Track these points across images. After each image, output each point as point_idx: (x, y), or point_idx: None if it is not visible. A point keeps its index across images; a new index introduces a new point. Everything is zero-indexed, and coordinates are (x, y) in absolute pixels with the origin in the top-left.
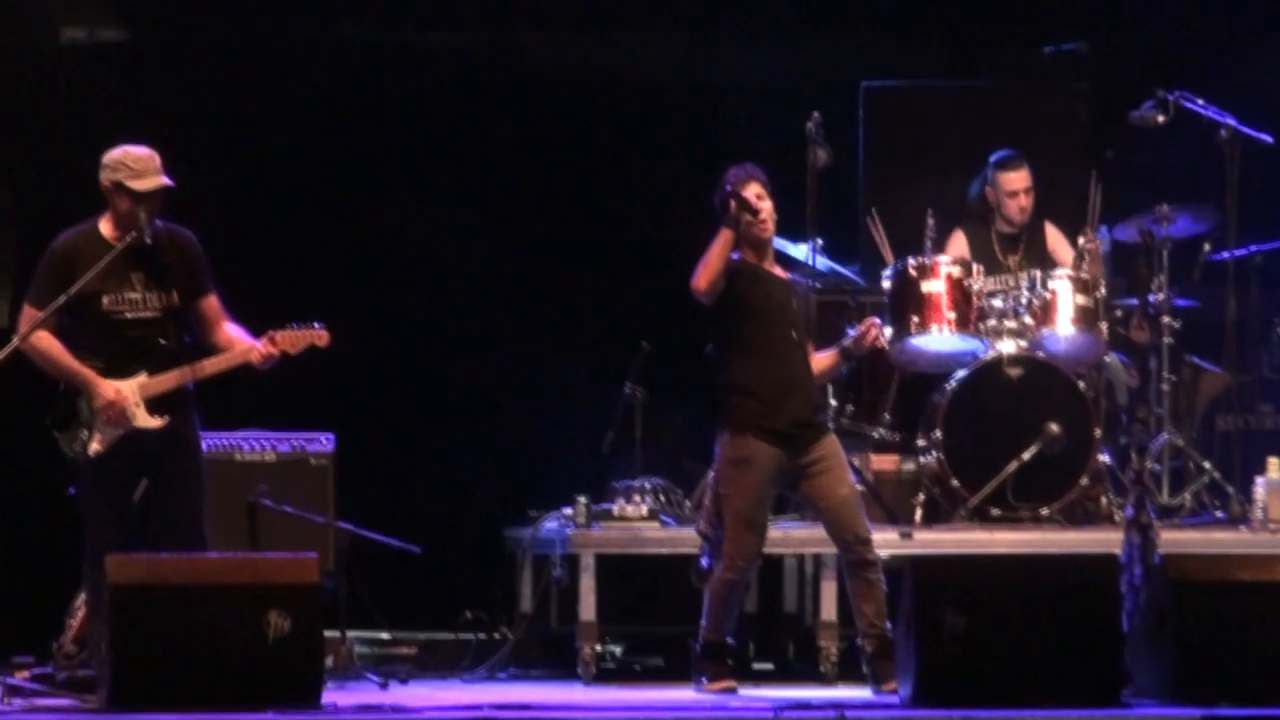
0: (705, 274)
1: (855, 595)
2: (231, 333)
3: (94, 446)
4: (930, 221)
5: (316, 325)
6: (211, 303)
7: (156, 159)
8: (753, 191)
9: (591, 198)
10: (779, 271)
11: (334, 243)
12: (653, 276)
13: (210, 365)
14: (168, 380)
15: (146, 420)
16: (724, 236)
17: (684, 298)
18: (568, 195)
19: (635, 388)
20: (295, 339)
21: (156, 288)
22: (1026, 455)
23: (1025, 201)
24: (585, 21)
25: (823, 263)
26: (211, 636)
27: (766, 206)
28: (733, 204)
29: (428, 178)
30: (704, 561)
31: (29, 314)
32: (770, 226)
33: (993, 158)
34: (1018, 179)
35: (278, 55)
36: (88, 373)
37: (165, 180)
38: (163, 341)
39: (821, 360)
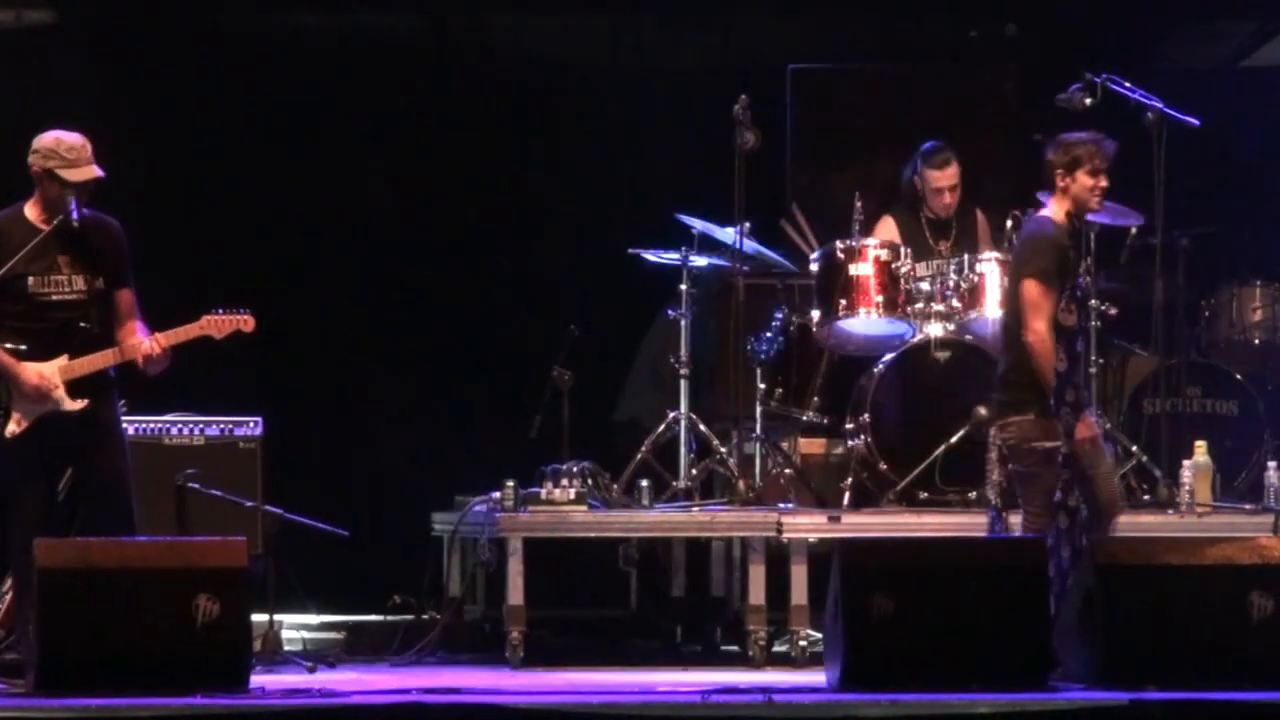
0: (1037, 357)
1: None
2: (137, 331)
3: (11, 428)
4: (858, 205)
5: (243, 311)
6: (126, 296)
7: (89, 148)
8: (1105, 167)
9: (518, 181)
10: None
11: (263, 227)
12: (581, 259)
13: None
14: (89, 363)
15: (68, 403)
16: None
17: (612, 281)
18: (494, 178)
19: (562, 371)
20: (221, 324)
21: (83, 271)
22: (954, 439)
23: (950, 199)
24: (511, 4)
25: (750, 245)
26: (139, 620)
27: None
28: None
29: (356, 162)
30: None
31: None
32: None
33: (922, 149)
34: (944, 176)
35: (206, 39)
36: (8, 358)
37: (97, 171)
38: (85, 325)
39: None
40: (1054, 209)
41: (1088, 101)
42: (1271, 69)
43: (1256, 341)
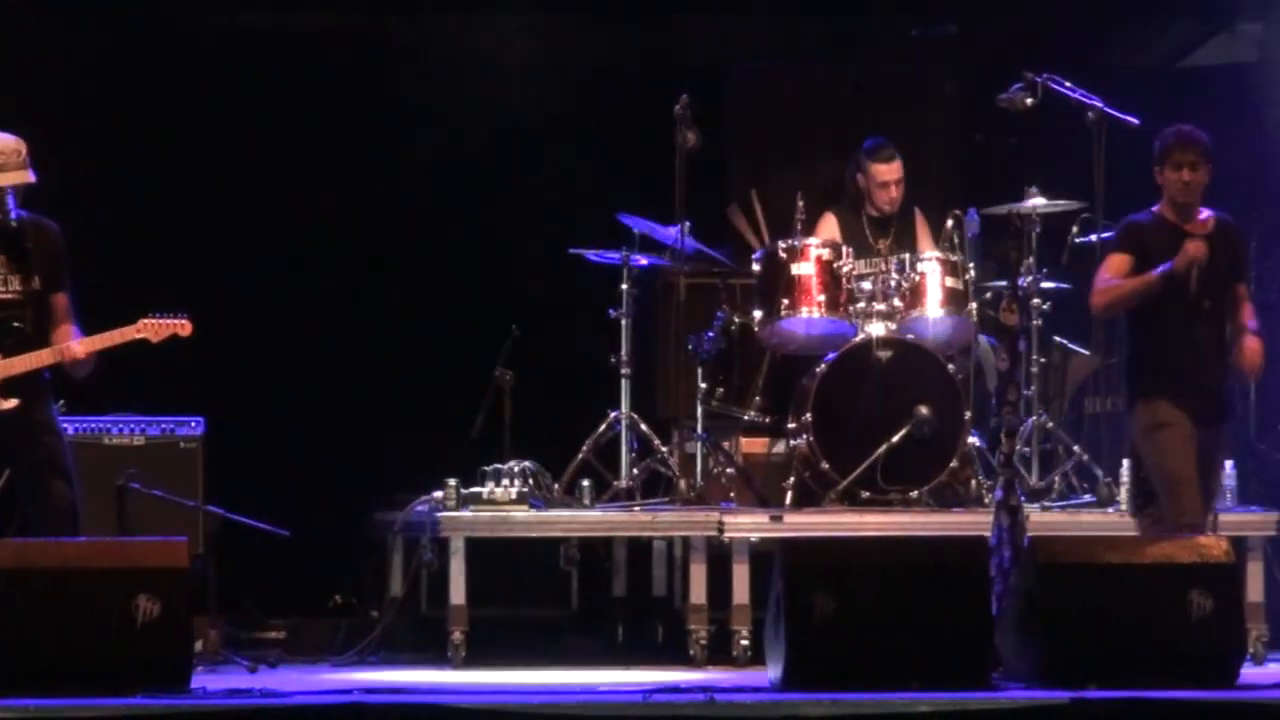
0: (1106, 307)
1: None
2: (71, 335)
3: None
4: (799, 204)
5: (180, 316)
6: (61, 300)
7: (24, 150)
8: (1185, 159)
9: (459, 181)
10: (1199, 227)
11: (203, 225)
12: (523, 259)
13: (23, 362)
14: (23, 363)
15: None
16: (1150, 284)
17: (555, 280)
18: (435, 179)
19: (504, 371)
20: (157, 328)
21: (19, 272)
22: (896, 438)
23: (895, 193)
24: (447, 5)
25: (692, 244)
26: (80, 621)
27: (1187, 177)
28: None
29: (297, 161)
30: None
31: None
32: (1190, 197)
33: (865, 144)
34: (888, 171)
35: (139, 37)
36: None
37: (30, 177)
38: (19, 325)
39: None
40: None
41: (1029, 101)
42: (1209, 69)
43: None
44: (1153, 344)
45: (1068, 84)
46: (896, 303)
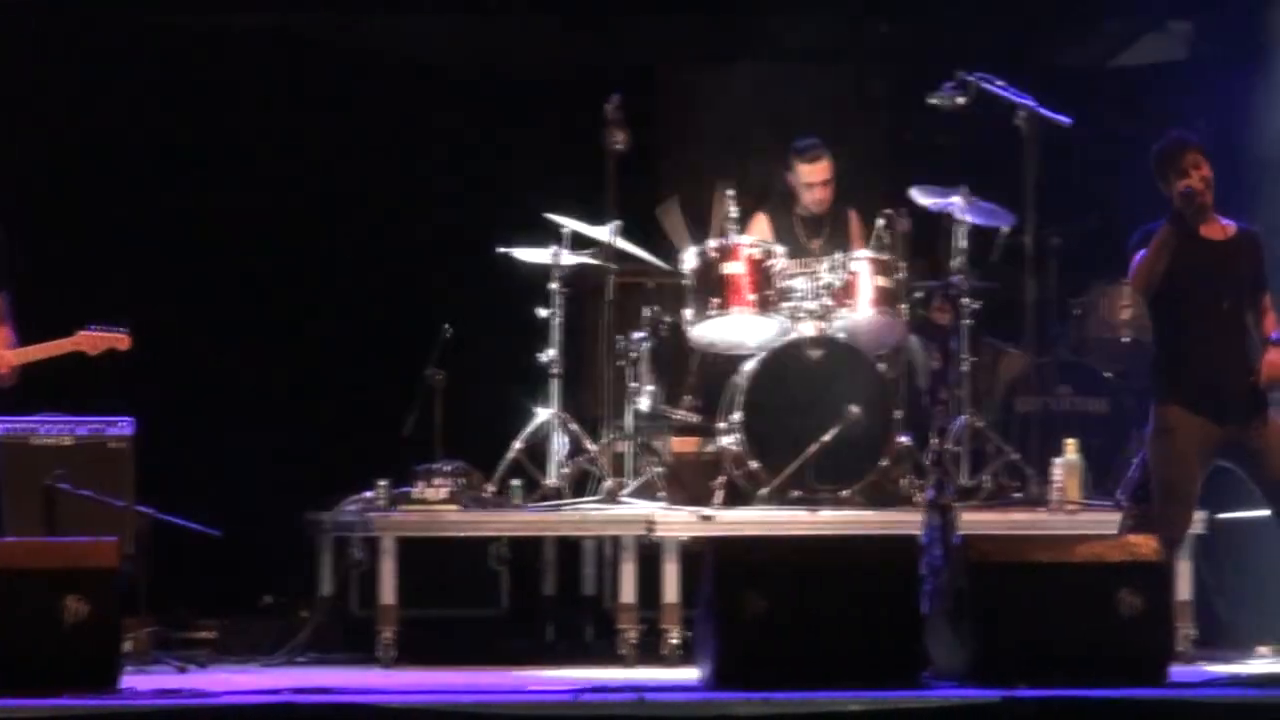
0: (1142, 280)
1: None
2: (7, 338)
3: None
4: (731, 204)
5: (120, 329)
6: (1, 300)
7: None
8: (1190, 162)
9: (390, 181)
10: (1217, 231)
11: (131, 226)
12: (453, 259)
13: None
14: None
15: None
16: (1165, 236)
17: (485, 281)
18: (366, 179)
19: (435, 371)
20: (95, 340)
21: None
22: (827, 437)
23: (822, 194)
24: (372, 4)
25: (622, 245)
26: (8, 621)
27: (1199, 177)
28: (1177, 198)
29: (226, 162)
30: None
31: None
32: (1204, 196)
33: (794, 144)
34: (816, 170)
35: (74, 41)
36: None
37: None
38: None
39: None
40: None
41: (960, 100)
42: (1140, 68)
43: (1126, 340)
44: (1172, 346)
45: (999, 83)
46: (827, 302)
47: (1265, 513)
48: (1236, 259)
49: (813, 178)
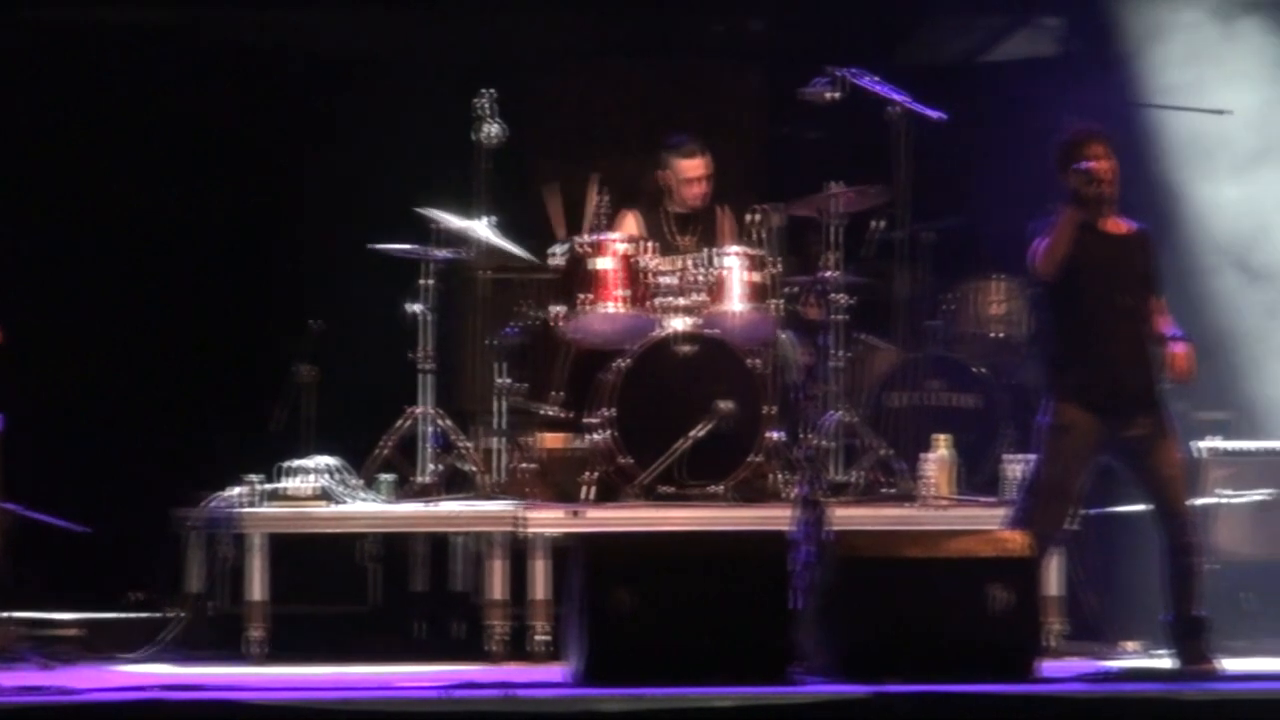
0: (1048, 261)
1: (1172, 579)
2: None
3: None
4: (601, 199)
5: None
6: None
7: None
8: (1094, 153)
9: (261, 175)
10: (1118, 227)
11: (1, 220)
12: (325, 254)
13: None
14: None
15: None
16: (1069, 219)
17: (355, 276)
18: (236, 173)
19: (306, 366)
20: None
21: None
22: (698, 432)
23: (701, 188)
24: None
25: (494, 239)
26: None
27: (1105, 166)
28: (1074, 179)
29: (99, 156)
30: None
31: None
32: (1108, 186)
33: (669, 141)
34: (695, 166)
35: None
36: None
37: None
38: None
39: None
40: None
41: (832, 96)
42: (1012, 63)
43: (996, 335)
44: (1072, 342)
45: (871, 78)
46: (698, 297)
47: (1134, 508)
48: (1135, 256)
49: (692, 173)
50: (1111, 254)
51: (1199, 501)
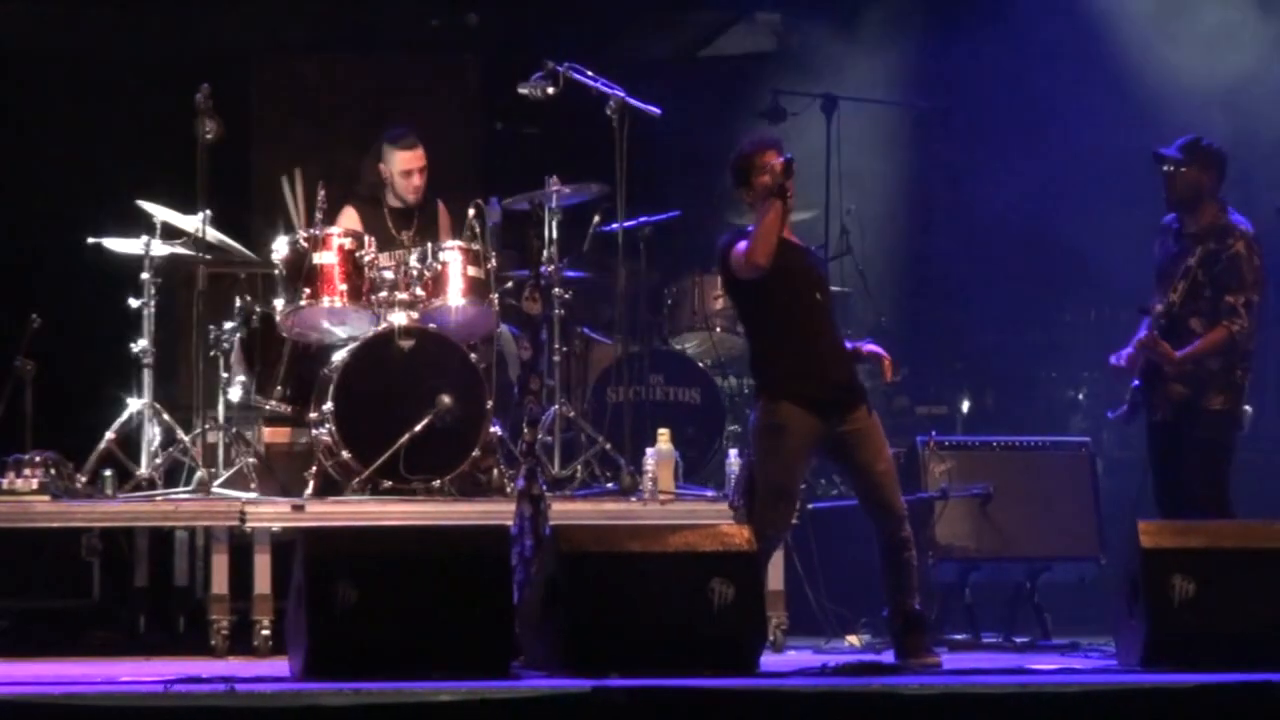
0: (764, 249)
1: (889, 573)
2: None
3: None
4: (322, 194)
5: None
6: None
7: None
8: (771, 158)
9: None
10: (794, 237)
11: None
12: (46, 247)
13: None
14: None
15: None
16: (776, 208)
17: (76, 270)
18: None
19: (24, 361)
20: None
21: None
22: (418, 427)
23: (418, 180)
24: None
25: (213, 235)
26: None
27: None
28: (779, 172)
29: None
30: None
31: None
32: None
33: (386, 133)
34: (412, 158)
35: None
36: None
37: None
38: None
39: None
40: None
41: (549, 90)
42: (728, 58)
43: (718, 330)
44: (781, 343)
45: (589, 73)
46: (418, 292)
47: (855, 501)
48: (815, 260)
49: (409, 165)
50: (801, 261)
51: (921, 496)
